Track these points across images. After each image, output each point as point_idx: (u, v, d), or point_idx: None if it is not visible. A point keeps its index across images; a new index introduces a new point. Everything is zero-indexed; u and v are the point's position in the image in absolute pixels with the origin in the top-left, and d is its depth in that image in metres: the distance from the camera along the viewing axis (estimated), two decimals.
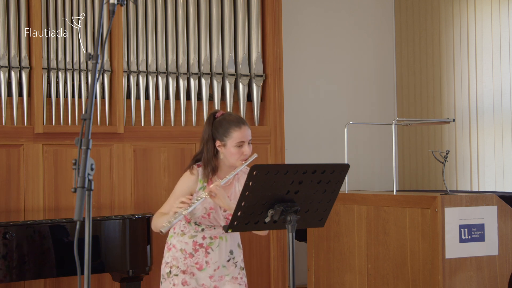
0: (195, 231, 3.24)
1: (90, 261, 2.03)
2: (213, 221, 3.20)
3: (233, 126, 3.14)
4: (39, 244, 4.14)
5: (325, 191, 2.67)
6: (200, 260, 3.22)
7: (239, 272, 3.29)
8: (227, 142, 3.14)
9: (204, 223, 3.21)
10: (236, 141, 3.12)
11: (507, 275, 3.98)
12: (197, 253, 3.22)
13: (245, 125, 3.17)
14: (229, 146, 3.14)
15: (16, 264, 4.07)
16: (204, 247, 3.22)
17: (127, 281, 4.47)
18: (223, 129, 3.15)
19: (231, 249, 3.28)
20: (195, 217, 3.20)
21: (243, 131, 3.14)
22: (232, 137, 3.13)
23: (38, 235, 4.14)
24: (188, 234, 3.24)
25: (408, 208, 4.02)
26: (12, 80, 5.04)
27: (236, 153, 3.12)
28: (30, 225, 4.16)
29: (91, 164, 2.05)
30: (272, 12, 5.80)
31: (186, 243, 3.24)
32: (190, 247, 3.23)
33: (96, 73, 2.16)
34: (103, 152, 5.26)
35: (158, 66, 5.47)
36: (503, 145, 5.90)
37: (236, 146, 3.12)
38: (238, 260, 3.31)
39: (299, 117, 6.60)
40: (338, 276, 4.56)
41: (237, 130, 3.14)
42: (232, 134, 3.13)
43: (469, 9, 6.21)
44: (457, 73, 6.32)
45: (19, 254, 4.07)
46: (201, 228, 3.23)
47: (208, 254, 3.22)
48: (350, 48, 6.91)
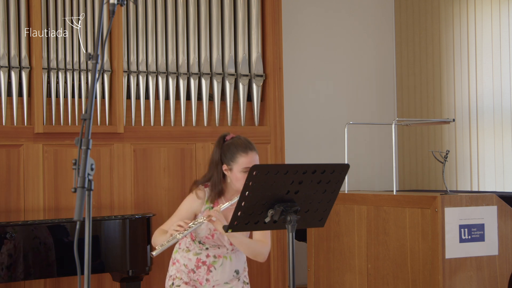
0: (199, 249, 3.23)
1: (90, 261, 2.03)
2: (217, 241, 3.19)
3: (240, 152, 3.12)
4: (39, 244, 4.14)
5: (325, 191, 2.67)
6: (201, 278, 3.21)
7: (242, 286, 3.28)
8: (233, 167, 3.11)
9: (208, 243, 3.21)
10: (241, 167, 3.09)
11: (507, 275, 3.98)
12: (199, 270, 3.21)
13: (252, 151, 3.13)
14: (235, 171, 3.11)
15: (16, 264, 4.07)
16: (207, 264, 3.21)
17: (127, 281, 4.47)
18: (230, 153, 3.13)
19: (237, 269, 3.26)
20: (199, 236, 3.19)
21: (250, 157, 3.11)
22: (238, 162, 3.10)
23: (38, 235, 4.14)
24: (193, 251, 3.23)
25: (408, 208, 4.02)
26: (12, 80, 5.04)
27: (241, 179, 3.06)
28: (30, 225, 4.16)
29: (91, 164, 2.05)
30: (272, 12, 5.80)
31: (189, 259, 3.23)
32: (192, 263, 3.22)
33: (96, 73, 2.16)
34: (103, 152, 5.26)
35: (158, 66, 5.47)
36: (503, 145, 5.90)
37: (242, 172, 3.08)
38: (241, 275, 3.30)
39: (299, 117, 6.60)
40: (338, 276, 4.56)
41: (244, 156, 3.11)
42: (238, 160, 3.10)
43: (469, 9, 6.21)
44: (457, 73, 6.32)
45: (19, 254, 4.07)
46: (205, 247, 3.22)
47: (210, 272, 3.21)
48: (350, 48, 6.91)
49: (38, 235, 4.15)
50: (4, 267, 4.04)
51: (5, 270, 4.04)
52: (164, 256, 5.35)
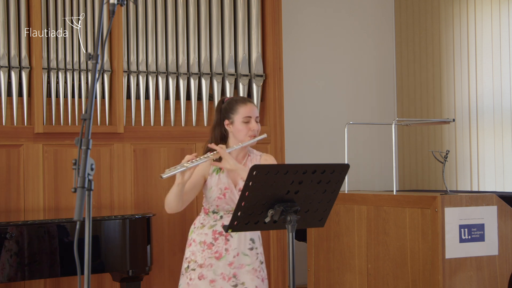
0: (214, 220, 3.27)
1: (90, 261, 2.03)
2: (229, 201, 3.22)
3: (239, 103, 3.25)
4: (39, 244, 4.14)
5: (325, 191, 2.67)
6: (220, 249, 3.23)
7: (259, 265, 3.29)
8: (234, 118, 3.23)
9: (221, 207, 3.23)
10: (242, 116, 3.21)
11: (507, 275, 3.98)
12: (217, 241, 3.24)
13: (251, 103, 3.27)
14: (236, 122, 3.22)
15: (16, 264, 4.07)
16: (223, 234, 3.24)
17: (127, 281, 4.47)
18: (230, 107, 3.25)
19: (252, 237, 3.28)
20: (211, 200, 3.24)
21: (249, 107, 3.24)
22: (239, 112, 3.22)
23: (38, 235, 4.14)
24: (208, 225, 3.27)
25: (408, 208, 4.02)
26: (12, 80, 5.04)
27: (243, 129, 3.21)
28: (30, 225, 4.16)
29: (91, 164, 2.05)
30: (272, 12, 5.80)
31: (206, 234, 3.26)
32: (210, 237, 3.25)
33: (96, 73, 2.16)
34: (103, 152, 5.26)
35: (158, 66, 5.47)
36: (503, 145, 5.90)
37: (243, 122, 3.21)
38: (259, 251, 3.32)
39: (299, 117, 6.60)
40: (338, 276, 4.56)
41: (243, 106, 3.23)
42: (239, 110, 3.22)
43: (469, 9, 6.21)
44: (457, 73, 6.32)
45: (19, 254, 4.07)
46: (219, 215, 3.26)
47: (227, 241, 3.24)
48: (350, 48, 6.91)
49: (38, 235, 4.14)
50: (4, 267, 4.04)
51: (5, 270, 4.04)
52: (165, 256, 5.36)
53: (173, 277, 5.38)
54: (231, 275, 3.22)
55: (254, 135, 3.23)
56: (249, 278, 3.23)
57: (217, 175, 3.24)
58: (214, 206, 3.26)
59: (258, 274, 3.27)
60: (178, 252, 5.45)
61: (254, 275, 3.25)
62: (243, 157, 3.31)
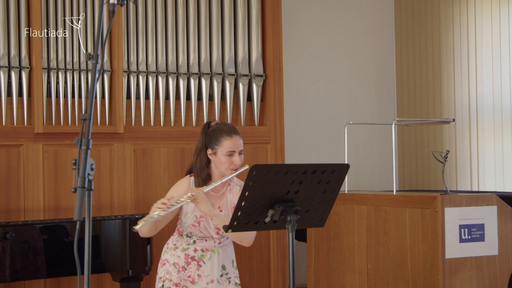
0: (187, 243, 3.25)
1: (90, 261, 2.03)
2: (203, 230, 3.21)
3: (225, 135, 3.17)
4: (39, 244, 4.14)
5: (325, 191, 2.67)
6: (192, 274, 3.22)
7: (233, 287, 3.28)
8: (217, 150, 3.16)
9: (195, 233, 3.22)
10: (226, 150, 3.15)
11: (507, 275, 3.98)
12: (189, 266, 3.22)
13: (237, 135, 3.18)
14: (219, 154, 3.16)
15: (16, 264, 4.07)
16: (196, 260, 3.22)
17: (127, 281, 4.47)
18: (215, 137, 3.18)
19: (223, 264, 3.26)
20: (185, 226, 3.22)
21: (234, 141, 3.17)
22: (223, 145, 3.15)
23: (38, 235, 4.14)
24: (180, 248, 3.26)
25: (408, 208, 4.02)
26: (12, 80, 5.04)
27: (226, 162, 3.15)
28: (30, 225, 4.16)
29: (91, 164, 2.05)
30: (272, 12, 5.80)
31: (178, 257, 3.25)
32: (182, 260, 3.23)
33: (96, 73, 2.16)
34: (103, 152, 5.26)
35: (158, 66, 5.47)
36: (503, 145, 5.90)
37: (226, 155, 3.15)
38: (232, 276, 3.29)
39: (299, 117, 6.60)
40: (338, 276, 4.56)
41: (228, 139, 3.16)
42: (223, 143, 3.16)
43: (469, 9, 6.21)
44: (457, 73, 6.32)
45: (19, 254, 4.07)
46: (192, 240, 3.24)
47: (200, 267, 3.22)
48: (350, 48, 6.91)
49: (38, 235, 4.14)
50: (4, 267, 4.04)
51: (5, 270, 4.04)
52: None
53: None
54: None
55: (235, 169, 3.17)
56: None
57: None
58: (188, 231, 3.24)
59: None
60: None
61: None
62: (222, 186, 3.25)
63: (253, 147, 5.60)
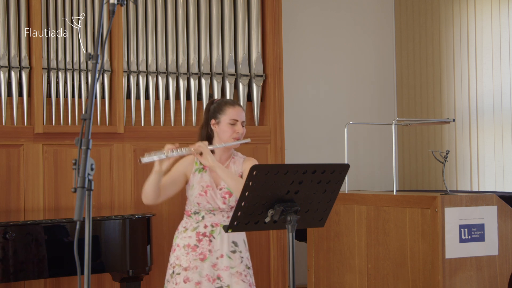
0: (196, 222, 3.28)
1: (90, 261, 2.03)
2: (210, 200, 3.24)
3: (228, 104, 3.30)
4: (39, 244, 4.14)
5: (325, 191, 2.67)
6: (204, 250, 3.23)
7: (244, 269, 3.28)
8: (221, 119, 3.27)
9: (202, 205, 3.25)
10: (229, 118, 3.25)
11: (507, 275, 3.98)
12: (201, 243, 3.24)
13: (240, 106, 3.31)
14: (222, 123, 3.26)
15: (16, 264, 4.07)
16: (207, 235, 3.25)
17: (127, 281, 4.47)
18: (218, 107, 3.30)
19: (234, 240, 3.28)
20: (193, 198, 3.26)
21: (237, 110, 3.28)
22: (226, 113, 3.26)
23: (38, 235, 4.14)
24: (190, 228, 3.29)
25: (408, 208, 4.02)
26: (12, 80, 5.04)
27: (228, 130, 3.25)
28: (30, 225, 4.16)
29: (91, 164, 2.05)
30: (272, 12, 5.80)
31: (189, 237, 3.27)
32: (193, 239, 3.26)
33: (96, 73, 2.16)
34: (103, 152, 5.26)
35: (158, 66, 5.47)
36: (503, 145, 5.90)
37: (229, 124, 3.25)
38: (244, 256, 3.31)
39: (299, 117, 6.60)
40: (338, 276, 4.56)
41: (231, 108, 3.28)
42: (226, 111, 3.27)
43: (469, 9, 6.21)
44: (457, 73, 6.32)
45: (19, 254, 4.07)
46: (201, 216, 3.27)
47: (210, 242, 3.24)
48: (350, 48, 6.91)
49: (38, 235, 4.14)
50: (4, 267, 4.04)
51: (5, 270, 4.04)
52: (165, 256, 5.36)
53: None
54: (215, 277, 3.22)
55: (238, 138, 3.26)
56: (234, 281, 3.22)
57: (200, 173, 3.28)
58: (195, 204, 3.27)
59: (244, 278, 3.26)
60: None
61: (239, 278, 3.24)
62: (226, 159, 3.33)
63: (253, 147, 5.60)
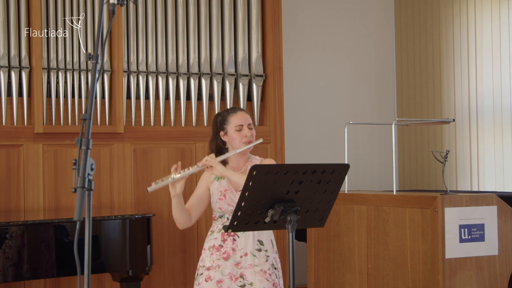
0: (221, 224, 3.31)
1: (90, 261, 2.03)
2: (230, 202, 3.27)
3: (230, 113, 3.35)
4: (39, 244, 4.14)
5: (325, 191, 2.67)
6: (228, 249, 3.26)
7: (269, 267, 3.29)
8: (227, 129, 3.32)
9: (224, 208, 3.29)
10: (234, 125, 3.30)
11: (507, 275, 3.98)
12: (225, 243, 3.27)
13: (241, 111, 3.36)
14: (230, 132, 3.31)
15: (16, 264, 4.07)
16: (231, 235, 3.28)
17: (127, 281, 4.47)
18: (223, 119, 3.35)
19: (260, 239, 3.30)
20: (214, 203, 3.31)
21: (239, 115, 3.33)
22: (230, 122, 3.31)
23: (38, 235, 4.14)
24: (216, 230, 3.32)
25: (408, 208, 4.02)
26: (12, 80, 5.04)
27: (237, 137, 3.30)
28: (30, 225, 4.16)
29: (91, 164, 2.05)
30: (272, 12, 5.80)
31: (215, 239, 3.30)
32: (219, 240, 3.29)
33: (96, 73, 2.16)
34: (103, 152, 5.26)
35: (158, 66, 5.47)
36: (503, 145, 5.90)
37: (236, 131, 3.30)
38: (270, 256, 3.32)
39: (299, 117, 6.60)
40: (338, 276, 4.56)
41: (233, 115, 3.33)
42: (230, 120, 3.32)
43: (469, 9, 6.21)
44: (457, 73, 6.32)
45: (19, 254, 4.07)
46: (225, 218, 3.31)
47: (234, 241, 3.27)
48: (350, 48, 6.91)
49: (38, 235, 4.14)
50: (4, 267, 4.04)
51: (5, 270, 4.04)
52: (165, 256, 5.36)
53: (173, 277, 5.38)
54: (238, 275, 3.23)
55: (249, 141, 3.32)
56: (258, 280, 3.22)
57: (218, 181, 3.32)
58: (218, 210, 3.31)
59: (268, 276, 3.26)
60: (178, 252, 5.45)
61: (263, 276, 3.24)
62: (244, 164, 3.38)
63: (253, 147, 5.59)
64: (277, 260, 3.39)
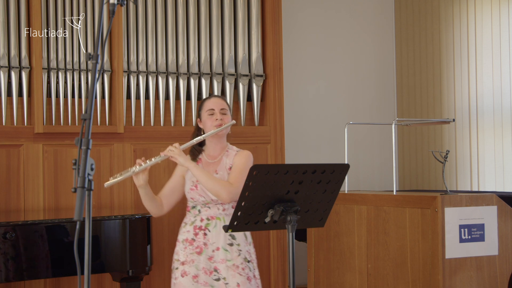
0: (193, 216, 3.36)
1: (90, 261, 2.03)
2: (201, 192, 3.30)
3: (205, 100, 3.45)
4: (39, 244, 4.14)
5: (325, 191, 2.67)
6: (200, 243, 3.30)
7: (242, 262, 3.30)
8: (201, 114, 3.40)
9: (196, 199, 3.33)
10: (206, 109, 3.38)
11: (507, 275, 3.98)
12: (197, 236, 3.31)
13: (216, 97, 3.44)
14: (203, 117, 3.39)
15: (16, 264, 4.07)
16: (202, 229, 3.31)
17: (127, 281, 4.47)
18: (200, 106, 3.46)
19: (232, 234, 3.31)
20: (187, 192, 3.36)
21: (213, 101, 3.40)
22: (203, 107, 3.41)
23: (38, 235, 4.14)
24: (189, 222, 3.36)
25: (408, 208, 4.03)
26: (12, 80, 5.04)
27: (208, 121, 3.36)
28: (30, 225, 4.16)
29: (91, 164, 2.05)
30: (272, 12, 5.80)
31: (188, 232, 3.34)
32: (191, 233, 3.33)
33: (96, 73, 2.16)
34: (103, 152, 5.26)
35: (158, 66, 5.47)
36: (503, 145, 5.90)
37: (208, 115, 3.36)
38: (243, 249, 3.33)
39: (299, 117, 6.60)
40: (338, 276, 4.56)
41: (207, 101, 3.42)
42: (203, 105, 3.42)
43: (469, 9, 6.21)
44: (457, 73, 6.32)
45: (19, 254, 4.07)
46: (197, 209, 3.35)
47: (205, 236, 3.31)
48: (350, 48, 6.91)
49: (38, 235, 4.14)
50: (4, 267, 4.04)
51: (5, 270, 4.04)
52: (165, 256, 5.36)
53: None
54: (212, 269, 3.28)
55: (219, 125, 3.34)
56: (231, 275, 3.26)
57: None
58: (190, 199, 3.37)
59: (241, 271, 3.28)
60: None
61: (236, 271, 3.27)
62: (220, 152, 3.42)
63: (253, 147, 5.60)
64: (251, 251, 3.41)
